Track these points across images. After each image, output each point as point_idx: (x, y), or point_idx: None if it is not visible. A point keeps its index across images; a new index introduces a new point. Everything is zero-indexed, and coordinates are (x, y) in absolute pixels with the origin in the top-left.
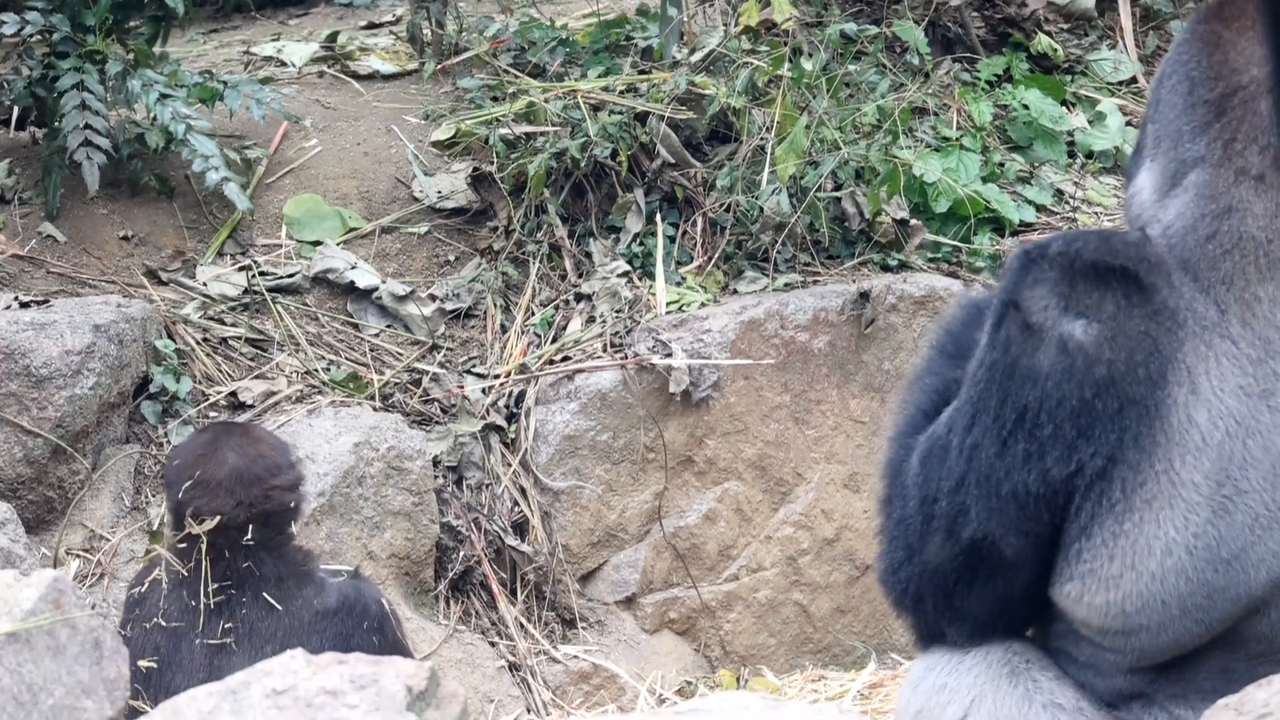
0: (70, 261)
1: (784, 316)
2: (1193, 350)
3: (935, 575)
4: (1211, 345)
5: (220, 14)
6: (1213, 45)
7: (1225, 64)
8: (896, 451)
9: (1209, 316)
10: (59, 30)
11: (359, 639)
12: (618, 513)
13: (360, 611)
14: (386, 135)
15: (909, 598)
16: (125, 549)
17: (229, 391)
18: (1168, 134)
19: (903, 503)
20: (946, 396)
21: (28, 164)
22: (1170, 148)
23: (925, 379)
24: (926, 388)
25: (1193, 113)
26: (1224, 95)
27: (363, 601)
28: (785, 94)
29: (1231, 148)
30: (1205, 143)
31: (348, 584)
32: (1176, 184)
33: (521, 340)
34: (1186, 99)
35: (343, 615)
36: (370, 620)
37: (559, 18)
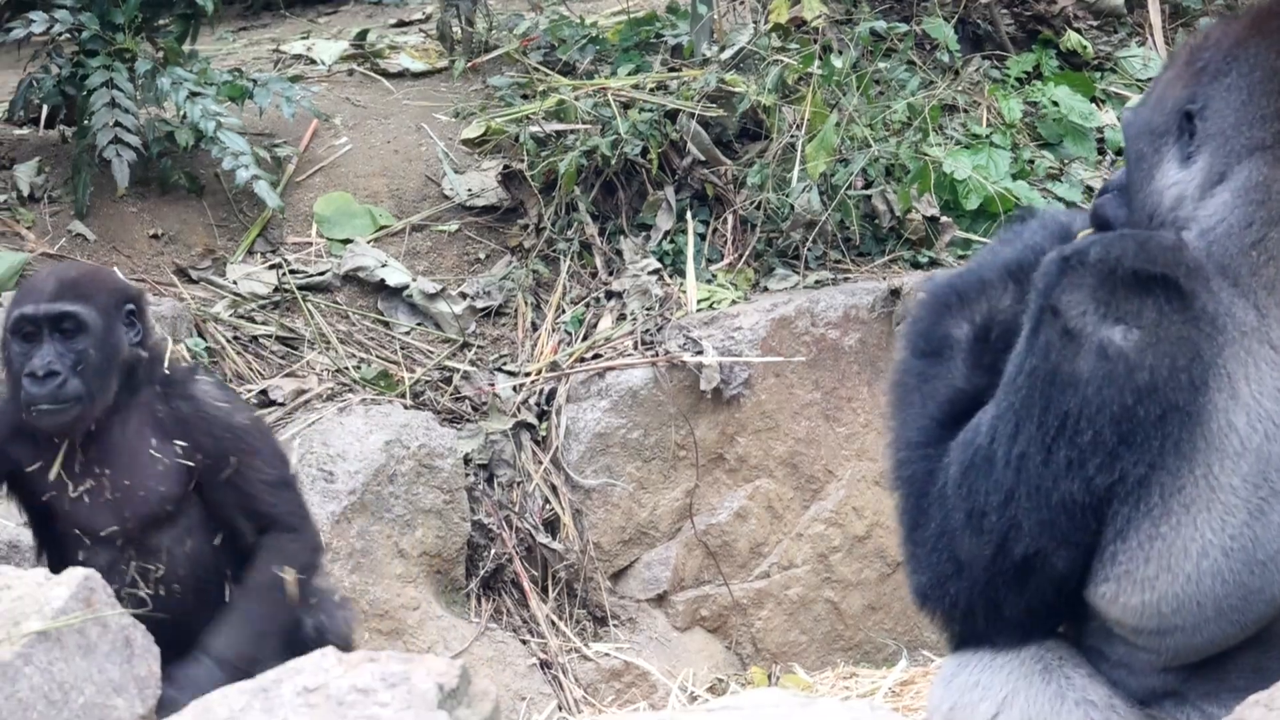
0: (100, 260)
1: (815, 314)
2: (1232, 355)
3: (987, 589)
4: (1251, 350)
5: (249, 12)
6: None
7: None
8: (919, 463)
9: (1248, 322)
10: (88, 29)
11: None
12: (649, 510)
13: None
14: (417, 133)
15: (959, 611)
16: None
17: (260, 389)
18: (1220, 132)
19: (942, 515)
20: (953, 405)
21: (57, 162)
22: (1220, 147)
23: (923, 384)
24: (930, 394)
25: (1257, 105)
26: None
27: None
28: (815, 91)
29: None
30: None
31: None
32: (1220, 180)
33: (552, 338)
34: (1252, 92)
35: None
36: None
37: (589, 15)
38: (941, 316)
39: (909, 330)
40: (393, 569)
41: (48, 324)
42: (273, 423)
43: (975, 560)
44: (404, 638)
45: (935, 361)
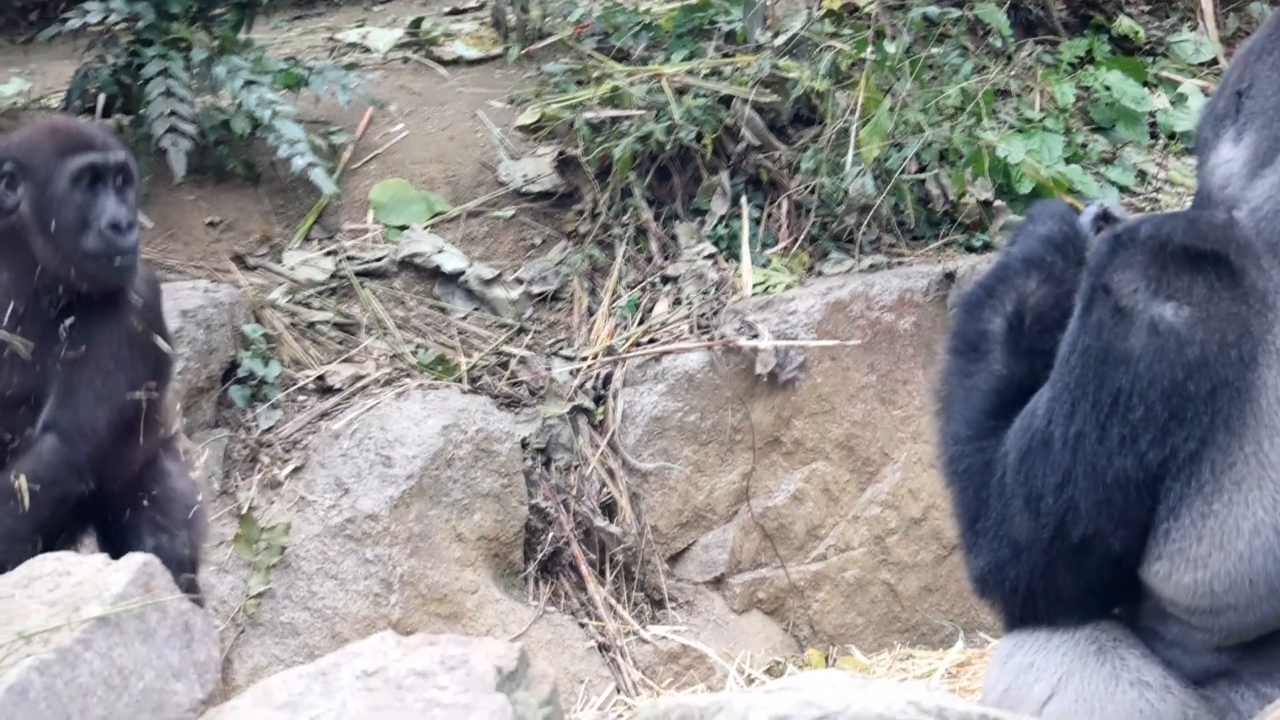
0: (158, 248)
1: (869, 297)
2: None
3: (1047, 572)
4: None
5: (304, 2)
6: None
7: None
8: (974, 456)
9: None
10: (144, 18)
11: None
12: (705, 493)
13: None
14: (472, 120)
15: (1019, 595)
16: (215, 533)
17: (317, 375)
18: (1264, 109)
19: (1001, 503)
20: (999, 395)
21: None
22: (1266, 123)
23: (965, 381)
24: (974, 389)
25: None
26: None
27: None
28: (869, 77)
29: None
30: None
31: None
32: (1269, 161)
33: (608, 322)
34: None
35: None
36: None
37: (642, 2)
38: (974, 315)
39: (947, 335)
40: (451, 553)
41: (114, 174)
42: (330, 408)
43: (1034, 544)
44: (462, 621)
45: (975, 358)
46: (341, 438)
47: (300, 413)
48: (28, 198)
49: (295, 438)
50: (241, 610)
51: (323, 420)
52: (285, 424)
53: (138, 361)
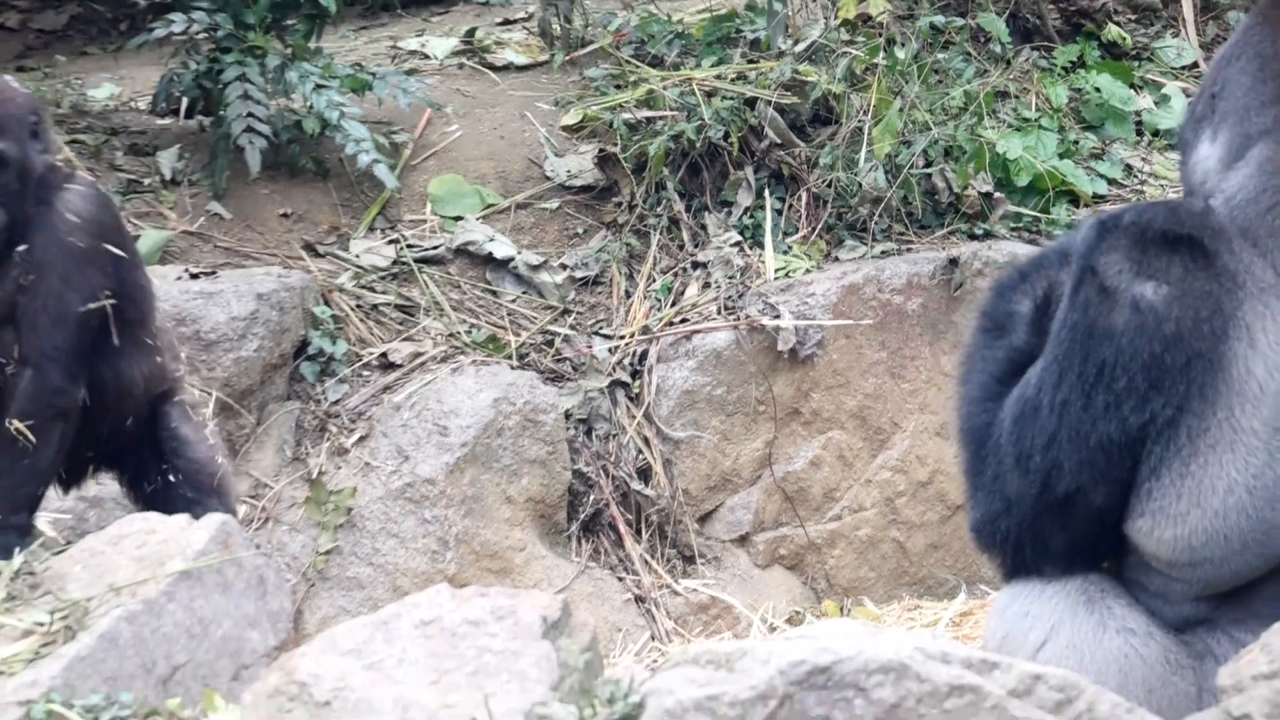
0: (235, 237)
1: (881, 281)
2: (1251, 309)
3: (1034, 525)
4: (1269, 304)
5: (369, 12)
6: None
7: None
8: (979, 417)
9: (1266, 279)
10: (223, 28)
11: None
12: (732, 459)
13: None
14: (520, 120)
15: (1009, 545)
16: (288, 495)
17: (380, 353)
18: (1234, 109)
19: (996, 461)
20: (1012, 364)
21: (196, 150)
22: (1236, 122)
23: (985, 351)
24: (990, 358)
25: (1262, 88)
26: None
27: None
28: (880, 80)
29: None
30: (1273, 116)
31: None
32: (1240, 156)
33: (644, 304)
34: (1256, 75)
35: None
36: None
37: (675, 13)
38: (1005, 297)
39: (977, 312)
40: (501, 514)
41: None
42: (389, 383)
43: (1023, 498)
44: (511, 576)
45: (999, 335)
46: (402, 409)
47: (365, 387)
48: None
49: (360, 409)
50: (311, 566)
51: (385, 393)
52: (351, 397)
53: (88, 274)
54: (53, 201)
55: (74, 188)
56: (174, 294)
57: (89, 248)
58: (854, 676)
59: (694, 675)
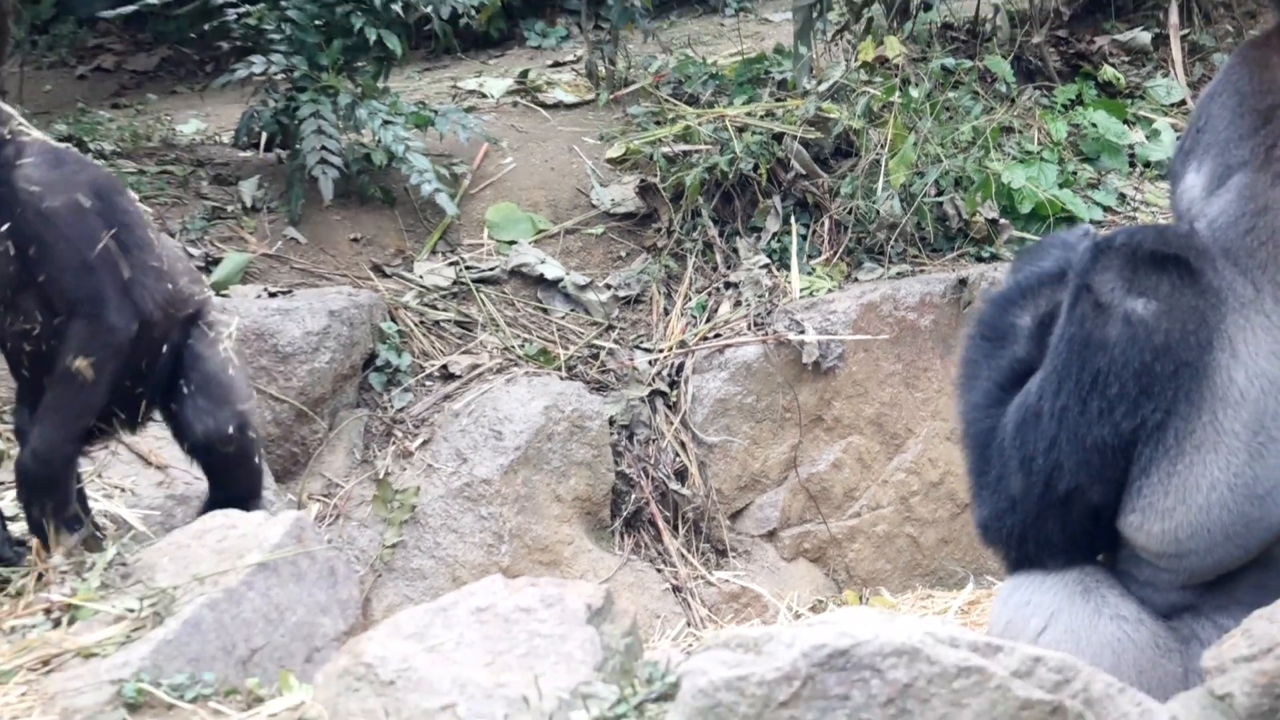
0: (309, 259)
1: (896, 299)
2: (1233, 322)
3: (1036, 521)
4: (1249, 318)
5: (432, 55)
6: (1262, 65)
7: (1274, 81)
8: (983, 422)
9: (1246, 295)
10: (299, 69)
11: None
12: (761, 462)
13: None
14: (569, 154)
15: (1014, 540)
16: (357, 495)
17: (441, 364)
18: (1216, 141)
19: (1000, 463)
20: (1013, 373)
21: (274, 180)
22: (1218, 153)
23: (985, 361)
24: (992, 368)
25: (1240, 122)
26: (1271, 107)
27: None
28: (896, 117)
29: (1272, 153)
30: (1250, 148)
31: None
32: (1221, 184)
33: (680, 321)
34: (1235, 110)
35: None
36: None
37: (710, 56)
38: (1006, 309)
39: (976, 320)
40: (551, 511)
41: None
42: (449, 392)
43: (1026, 497)
44: (560, 568)
45: (999, 345)
46: (461, 416)
47: (427, 395)
48: None
49: (423, 416)
50: (378, 558)
51: (445, 402)
52: (415, 405)
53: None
54: (11, 181)
55: (26, 160)
56: (254, 311)
57: (64, 205)
58: (870, 659)
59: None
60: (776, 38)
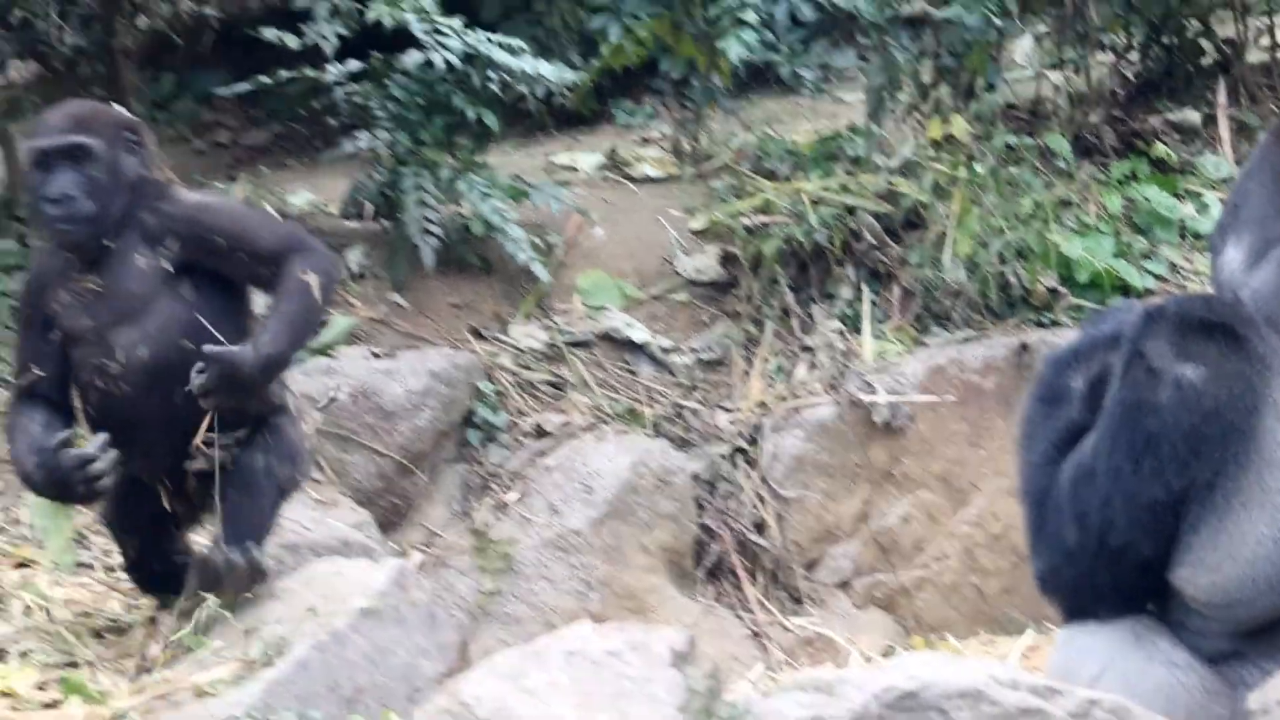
0: (412, 323)
1: (962, 363)
2: (1278, 387)
3: (1090, 573)
4: None
5: (527, 132)
6: None
7: None
8: (1039, 480)
9: None
10: (402, 144)
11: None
12: (834, 515)
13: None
14: (655, 225)
15: (1069, 590)
16: (456, 544)
17: (535, 422)
18: (1254, 217)
19: (1057, 518)
20: (1069, 433)
21: (378, 248)
22: (1256, 228)
23: (1043, 422)
24: (1049, 429)
25: (1277, 199)
26: None
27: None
28: (962, 191)
29: None
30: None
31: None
32: (1261, 257)
33: (759, 382)
34: (1271, 187)
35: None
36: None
37: (787, 133)
38: (1062, 372)
39: (1035, 383)
40: (637, 561)
41: (57, 155)
42: (543, 448)
43: (1081, 550)
44: (646, 614)
45: (1056, 406)
46: (553, 471)
47: (522, 451)
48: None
49: (518, 470)
50: (476, 604)
51: (539, 457)
52: (510, 460)
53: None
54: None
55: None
56: (359, 371)
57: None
58: (936, 700)
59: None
60: (850, 117)
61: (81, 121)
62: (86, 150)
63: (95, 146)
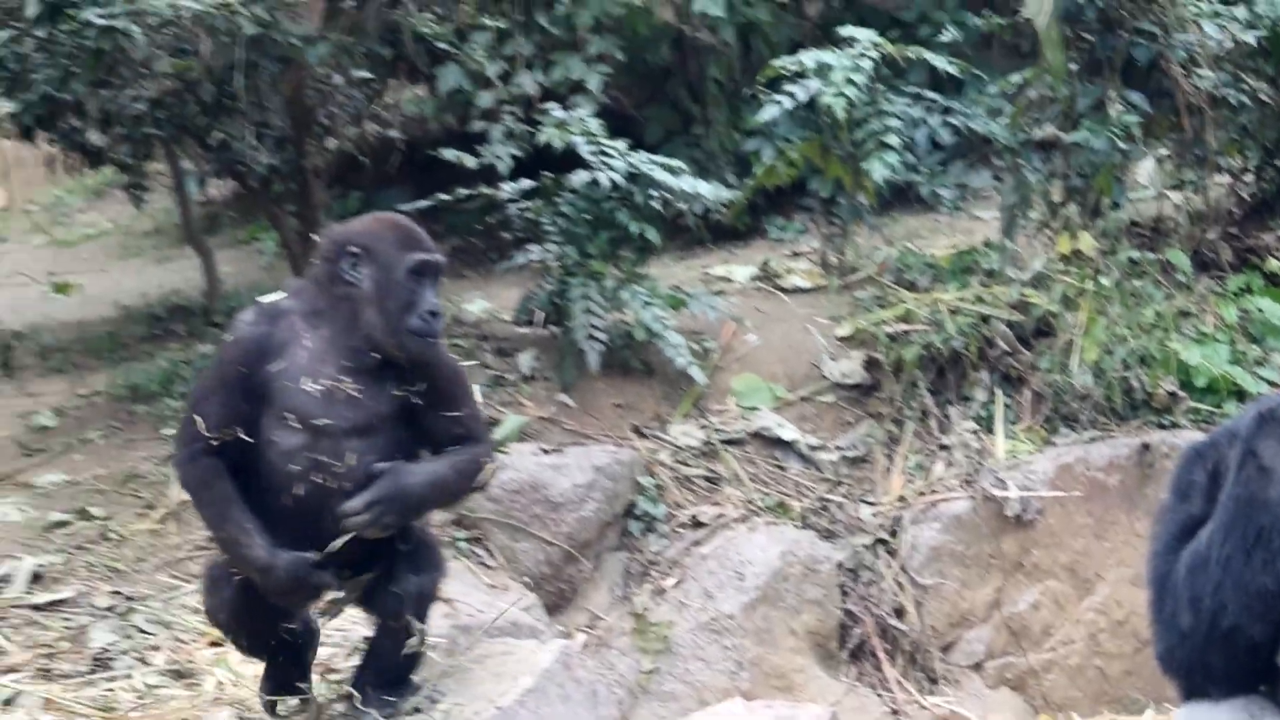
0: (578, 421)
1: (1088, 461)
2: None
3: (1203, 655)
4: None
5: (686, 245)
6: None
7: None
8: (1161, 566)
9: None
10: (570, 257)
11: None
12: (969, 601)
13: None
14: (804, 332)
15: (1182, 670)
16: (617, 626)
17: (691, 514)
18: None
19: (1173, 603)
20: (1189, 526)
21: (548, 352)
22: None
23: (1170, 514)
24: (1173, 521)
25: None
26: None
27: None
28: (1089, 302)
29: None
30: None
31: None
32: None
33: (900, 478)
34: None
35: None
36: None
37: (927, 248)
38: (1188, 468)
39: (1169, 480)
40: (786, 643)
41: (437, 271)
42: (698, 537)
43: (1194, 633)
44: (793, 692)
45: (1182, 500)
46: (708, 559)
47: (679, 541)
48: (370, 277)
49: (675, 559)
50: (635, 683)
51: (695, 546)
52: (668, 549)
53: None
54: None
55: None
56: (529, 466)
57: (460, 368)
58: None
59: None
60: (985, 233)
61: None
62: (444, 272)
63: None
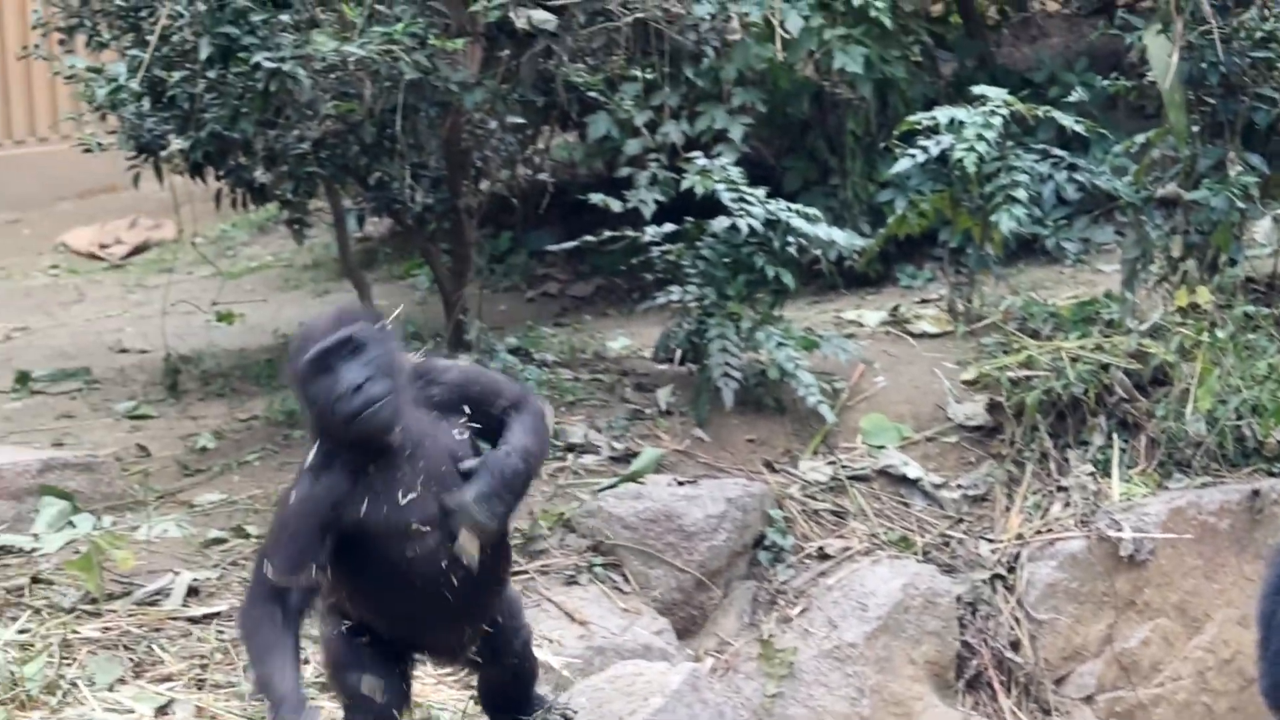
0: (712, 455)
1: (1200, 505)
2: None
3: None
4: None
5: (820, 290)
6: None
7: None
8: (1269, 607)
9: None
10: (708, 298)
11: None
12: (1082, 637)
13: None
14: (930, 375)
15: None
16: (744, 652)
17: (818, 546)
18: None
19: (1277, 639)
20: None
21: (684, 388)
22: None
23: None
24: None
25: None
26: None
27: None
28: (1204, 353)
29: None
30: None
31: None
32: None
33: (1019, 517)
34: None
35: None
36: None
37: (1050, 298)
38: None
39: None
40: (905, 672)
41: (338, 350)
42: (824, 569)
43: None
44: (911, 719)
45: None
46: (833, 590)
47: (805, 572)
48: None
49: (801, 588)
50: (761, 706)
51: (820, 577)
52: (795, 579)
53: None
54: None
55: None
56: (664, 496)
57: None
58: None
59: None
60: (1106, 284)
61: (341, 318)
62: (358, 340)
63: (363, 333)
